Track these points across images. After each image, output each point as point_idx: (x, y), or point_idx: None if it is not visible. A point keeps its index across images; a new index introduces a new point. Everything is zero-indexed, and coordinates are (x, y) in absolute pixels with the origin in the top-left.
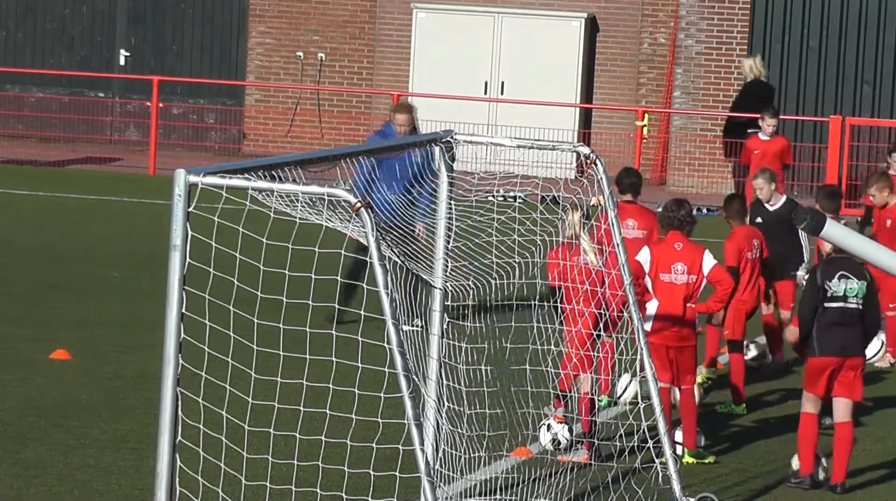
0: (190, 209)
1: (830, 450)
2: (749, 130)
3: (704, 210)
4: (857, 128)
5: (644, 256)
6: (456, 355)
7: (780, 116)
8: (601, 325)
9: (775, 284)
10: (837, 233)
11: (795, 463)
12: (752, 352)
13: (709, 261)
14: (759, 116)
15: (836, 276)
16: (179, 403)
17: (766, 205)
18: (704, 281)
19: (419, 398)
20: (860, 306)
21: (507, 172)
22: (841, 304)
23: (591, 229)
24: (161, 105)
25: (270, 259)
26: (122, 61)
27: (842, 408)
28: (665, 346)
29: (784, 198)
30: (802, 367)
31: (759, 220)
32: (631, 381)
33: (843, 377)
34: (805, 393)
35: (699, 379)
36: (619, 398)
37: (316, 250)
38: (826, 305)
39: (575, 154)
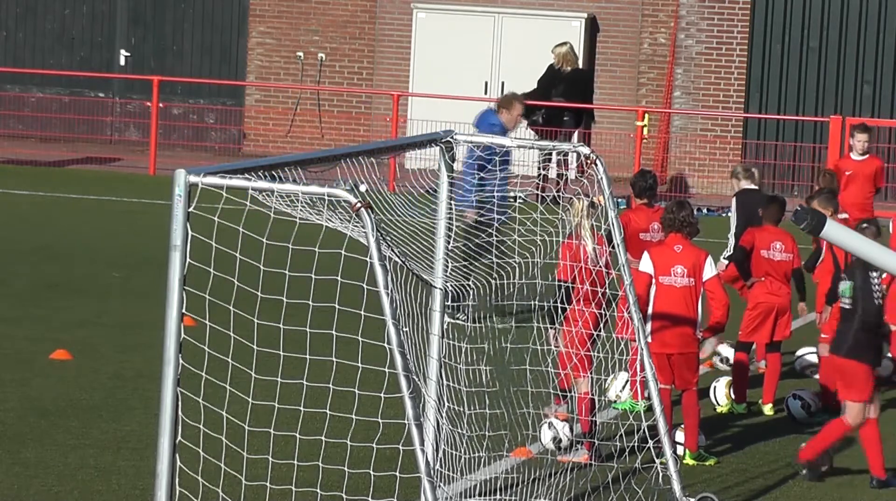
0: (190, 209)
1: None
2: (565, 118)
3: (705, 210)
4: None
5: (645, 263)
6: (456, 355)
7: (782, 117)
8: (601, 325)
9: None
10: (838, 233)
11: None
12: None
13: (710, 270)
14: (582, 105)
15: (842, 278)
16: (179, 403)
17: None
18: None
19: (419, 398)
20: (851, 306)
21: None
22: (842, 305)
23: (598, 218)
24: (161, 105)
25: (270, 259)
26: (122, 61)
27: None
28: (666, 354)
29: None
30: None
31: None
32: (628, 380)
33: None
34: None
35: (722, 409)
36: (618, 396)
37: (316, 250)
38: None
39: (575, 154)
